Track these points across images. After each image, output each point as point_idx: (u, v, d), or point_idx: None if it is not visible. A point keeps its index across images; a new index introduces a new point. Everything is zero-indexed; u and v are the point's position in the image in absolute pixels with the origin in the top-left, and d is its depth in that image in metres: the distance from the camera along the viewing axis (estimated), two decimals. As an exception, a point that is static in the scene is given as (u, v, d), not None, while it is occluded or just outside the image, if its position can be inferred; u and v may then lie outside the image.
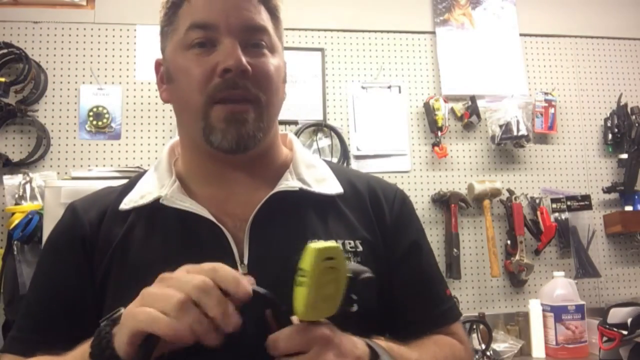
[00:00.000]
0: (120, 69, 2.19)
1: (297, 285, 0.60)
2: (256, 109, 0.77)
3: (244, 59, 0.74)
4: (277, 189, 0.80)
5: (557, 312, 2.09)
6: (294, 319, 0.63)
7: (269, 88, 0.78)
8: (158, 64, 0.86)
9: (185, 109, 0.80)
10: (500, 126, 2.32)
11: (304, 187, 0.82)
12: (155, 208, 0.79)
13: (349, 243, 0.80)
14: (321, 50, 2.35)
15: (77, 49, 2.17)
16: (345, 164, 2.24)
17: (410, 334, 0.81)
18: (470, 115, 2.34)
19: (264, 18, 0.80)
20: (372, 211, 0.86)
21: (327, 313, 0.62)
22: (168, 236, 0.78)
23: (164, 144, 0.92)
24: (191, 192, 0.82)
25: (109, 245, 0.78)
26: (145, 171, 0.89)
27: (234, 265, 0.74)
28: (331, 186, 0.85)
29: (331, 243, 0.61)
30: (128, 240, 0.78)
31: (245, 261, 0.75)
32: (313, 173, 0.86)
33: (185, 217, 0.77)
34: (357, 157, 2.29)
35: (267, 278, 0.65)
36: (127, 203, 0.82)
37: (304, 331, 0.62)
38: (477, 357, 1.97)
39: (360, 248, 0.80)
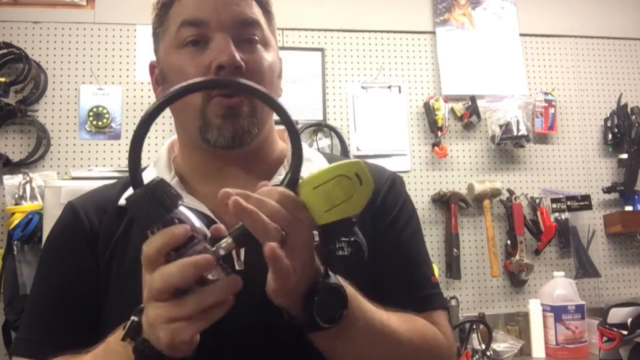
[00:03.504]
0: (120, 69, 2.19)
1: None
2: (250, 103, 0.77)
3: (237, 55, 0.74)
4: (270, 184, 0.79)
5: (557, 312, 2.09)
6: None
7: (263, 83, 0.77)
8: (152, 67, 0.86)
9: (182, 108, 0.79)
10: (500, 126, 2.32)
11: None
12: None
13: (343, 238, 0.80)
14: (321, 50, 2.35)
15: (77, 49, 2.17)
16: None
17: None
18: (470, 115, 2.34)
19: (256, 12, 0.80)
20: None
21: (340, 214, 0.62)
22: None
23: (163, 144, 0.92)
24: (190, 189, 0.82)
25: (110, 239, 0.80)
26: (145, 167, 0.89)
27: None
28: None
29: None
30: (128, 235, 0.80)
31: (242, 258, 0.75)
32: (308, 167, 0.84)
33: None
34: (357, 157, 2.28)
35: (262, 276, 0.64)
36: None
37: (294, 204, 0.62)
38: (477, 357, 1.98)
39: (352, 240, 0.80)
